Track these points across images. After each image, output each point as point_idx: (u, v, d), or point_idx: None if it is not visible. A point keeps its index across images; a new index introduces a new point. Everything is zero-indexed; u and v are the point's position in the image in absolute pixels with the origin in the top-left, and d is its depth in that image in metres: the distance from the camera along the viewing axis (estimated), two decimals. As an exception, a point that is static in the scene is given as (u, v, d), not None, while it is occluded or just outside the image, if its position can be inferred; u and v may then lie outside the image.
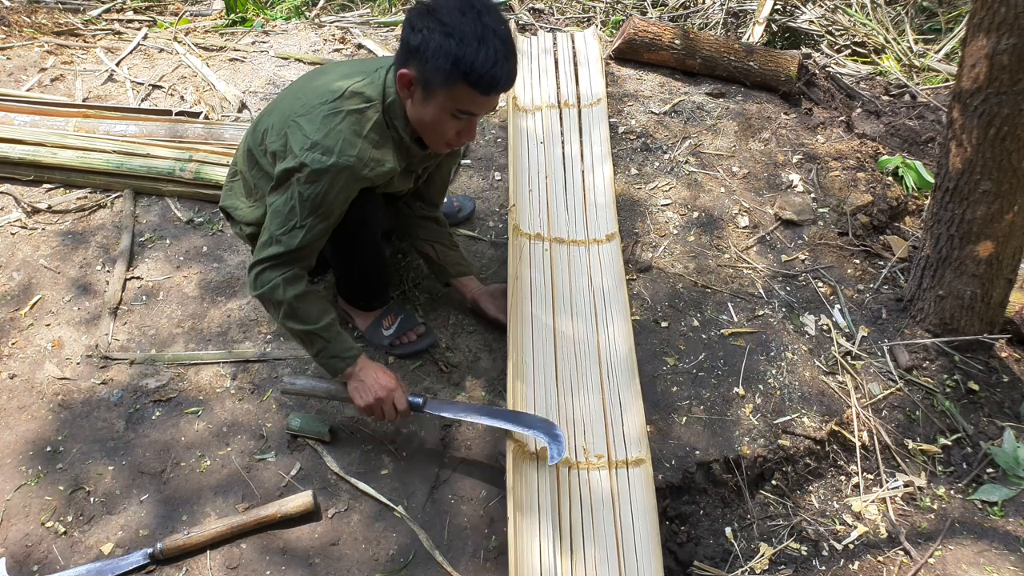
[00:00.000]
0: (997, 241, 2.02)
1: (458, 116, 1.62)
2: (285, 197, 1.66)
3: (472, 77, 1.52)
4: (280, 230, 1.67)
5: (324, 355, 1.77)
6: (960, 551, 1.77)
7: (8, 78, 3.15)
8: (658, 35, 3.19)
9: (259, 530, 1.72)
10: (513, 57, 1.57)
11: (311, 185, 1.63)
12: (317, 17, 4.14)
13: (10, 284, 2.30)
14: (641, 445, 1.81)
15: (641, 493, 1.73)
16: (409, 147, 1.77)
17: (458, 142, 1.71)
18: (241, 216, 1.93)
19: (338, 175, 1.62)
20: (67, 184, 2.63)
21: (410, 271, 2.33)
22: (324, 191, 1.63)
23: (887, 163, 2.82)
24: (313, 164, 1.61)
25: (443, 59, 1.51)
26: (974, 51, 1.86)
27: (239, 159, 1.93)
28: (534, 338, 2.05)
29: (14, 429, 1.92)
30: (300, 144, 1.63)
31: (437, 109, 1.61)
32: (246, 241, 1.99)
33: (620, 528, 1.67)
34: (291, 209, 1.65)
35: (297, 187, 1.64)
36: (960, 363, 2.15)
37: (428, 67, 1.54)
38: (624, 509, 1.71)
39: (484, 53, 1.49)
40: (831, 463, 1.99)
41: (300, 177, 1.63)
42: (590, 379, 1.99)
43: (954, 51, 4.26)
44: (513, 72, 1.58)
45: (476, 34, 1.49)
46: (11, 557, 1.69)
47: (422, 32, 1.53)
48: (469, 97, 1.57)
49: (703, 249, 2.45)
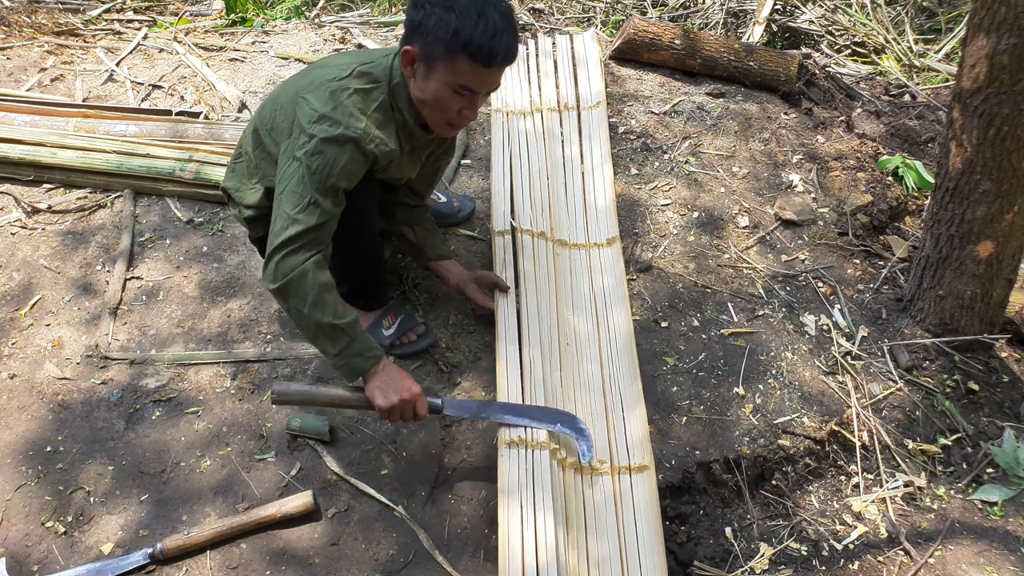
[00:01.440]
0: (997, 241, 2.02)
1: (460, 92, 1.63)
2: (297, 177, 1.64)
3: (471, 48, 1.53)
4: (295, 209, 1.63)
5: (347, 353, 1.68)
6: (960, 551, 1.77)
7: (8, 78, 3.15)
8: (658, 35, 3.19)
9: (259, 530, 1.72)
10: (513, 31, 1.59)
11: (319, 156, 1.63)
12: (317, 17, 4.14)
13: (10, 284, 2.30)
14: (645, 451, 1.81)
15: (645, 499, 1.72)
16: (413, 130, 1.78)
17: (460, 121, 1.72)
18: (241, 197, 1.93)
19: (344, 145, 1.63)
20: (67, 184, 2.63)
21: (410, 271, 2.33)
22: (332, 161, 1.63)
23: (887, 163, 2.82)
24: (321, 134, 1.62)
25: (443, 30, 1.54)
26: (974, 51, 1.86)
27: (245, 139, 1.93)
28: (531, 344, 2.04)
29: (14, 429, 1.92)
30: (308, 117, 1.64)
31: (439, 84, 1.62)
32: (243, 223, 1.99)
33: (624, 533, 1.67)
34: (302, 185, 1.64)
35: (306, 161, 1.63)
36: (960, 363, 2.15)
37: (429, 40, 1.57)
38: (627, 516, 1.70)
39: (483, 25, 1.52)
40: (831, 463, 1.99)
41: (308, 150, 1.63)
42: (591, 383, 1.99)
43: (954, 51, 4.26)
44: (513, 46, 1.59)
45: (476, 8, 1.53)
46: (11, 557, 1.69)
47: (424, 8, 1.57)
48: (470, 70, 1.58)
49: (703, 249, 2.45)
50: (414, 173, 1.98)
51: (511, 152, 2.66)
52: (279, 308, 2.22)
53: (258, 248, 2.11)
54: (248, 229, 2.02)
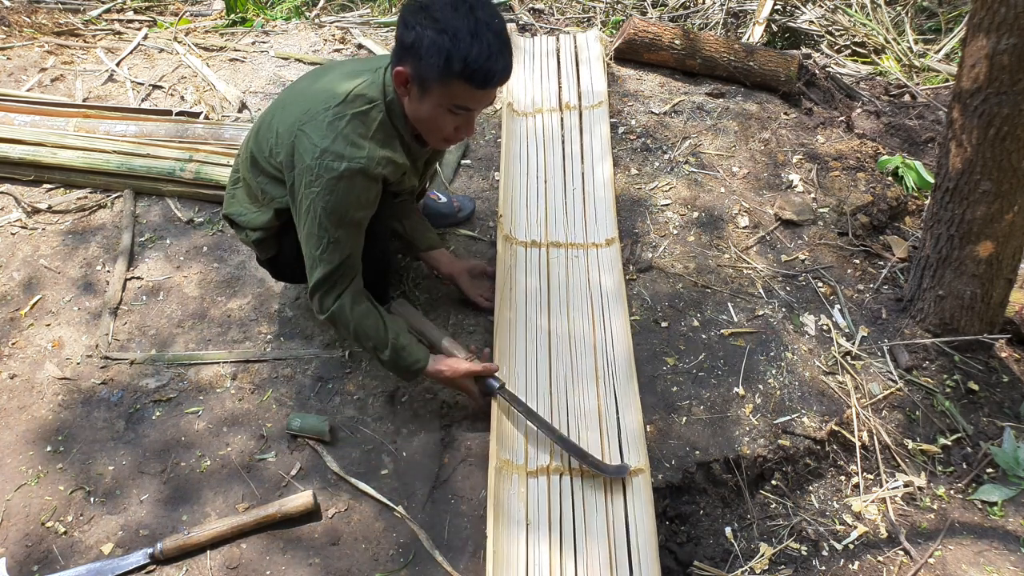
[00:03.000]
0: (997, 241, 2.02)
1: (455, 112, 1.62)
2: (310, 217, 1.67)
3: (467, 72, 1.51)
4: (318, 250, 1.69)
5: (396, 368, 1.84)
6: (960, 551, 1.77)
7: (8, 78, 3.15)
8: (658, 35, 3.19)
9: (259, 530, 1.73)
10: (508, 50, 1.56)
11: (329, 195, 1.63)
12: (317, 17, 4.15)
13: (10, 284, 2.30)
14: (641, 455, 1.80)
15: (641, 504, 1.71)
16: (410, 144, 1.77)
17: (456, 137, 1.71)
18: (246, 222, 1.92)
19: (353, 179, 1.63)
20: (67, 184, 2.63)
21: (410, 271, 2.33)
22: (342, 198, 1.64)
23: (887, 163, 2.82)
24: (327, 174, 1.61)
25: (437, 56, 1.51)
26: (974, 51, 1.86)
27: (241, 166, 1.91)
28: (527, 347, 2.05)
29: (14, 429, 1.93)
30: (311, 154, 1.62)
31: (434, 105, 1.61)
32: (252, 247, 1.99)
33: (613, 537, 1.66)
34: (319, 227, 1.66)
35: (319, 203, 1.64)
36: (960, 363, 2.15)
37: (423, 64, 1.54)
38: (619, 521, 1.69)
39: (478, 48, 1.49)
40: (831, 463, 1.99)
41: (318, 191, 1.63)
42: (587, 385, 1.98)
43: (954, 51, 4.26)
44: (509, 65, 1.57)
45: (469, 29, 1.49)
46: (11, 557, 1.69)
47: (415, 29, 1.53)
48: (465, 92, 1.57)
49: (703, 249, 2.45)
50: (418, 181, 1.98)
51: (512, 151, 2.66)
52: (279, 308, 2.23)
53: (268, 270, 2.12)
54: (257, 252, 2.01)
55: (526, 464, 1.79)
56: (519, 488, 1.73)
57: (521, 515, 1.68)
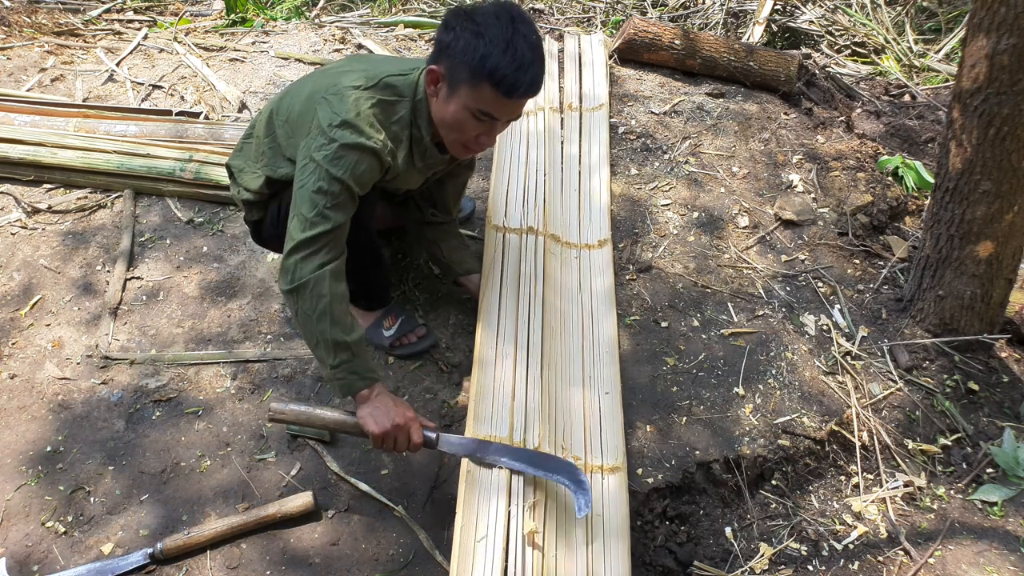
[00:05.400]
0: (997, 241, 2.02)
1: (479, 118, 1.63)
2: (314, 179, 1.63)
3: (495, 77, 1.53)
4: (312, 212, 1.62)
5: (344, 369, 1.64)
6: (960, 551, 1.77)
7: (8, 78, 3.15)
8: (658, 35, 3.19)
9: (259, 530, 1.72)
10: (540, 64, 1.58)
11: (339, 161, 1.62)
12: (317, 17, 4.15)
13: (10, 284, 2.30)
14: (619, 453, 1.80)
15: (615, 501, 1.70)
16: (428, 148, 1.78)
17: (476, 146, 1.71)
18: (243, 180, 1.92)
19: (364, 155, 1.64)
20: (67, 184, 2.63)
21: (410, 271, 2.34)
22: (352, 167, 1.63)
23: (887, 163, 2.82)
24: (342, 139, 1.61)
25: (470, 56, 1.53)
26: (974, 51, 1.86)
27: (259, 122, 1.91)
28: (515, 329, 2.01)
29: (14, 429, 1.92)
30: (328, 120, 1.63)
31: (459, 107, 1.62)
32: (240, 204, 1.99)
33: (590, 530, 1.65)
34: (319, 189, 1.62)
35: (325, 165, 1.62)
36: (960, 363, 2.15)
37: (455, 63, 1.57)
38: (596, 518, 1.67)
39: (511, 55, 1.52)
40: (831, 463, 1.99)
41: (328, 154, 1.62)
42: (572, 380, 1.97)
43: (954, 51, 4.27)
44: (538, 80, 1.59)
45: (506, 37, 1.52)
46: (11, 557, 1.69)
47: (454, 30, 1.56)
48: (492, 98, 1.58)
49: (703, 249, 2.45)
50: (416, 187, 1.98)
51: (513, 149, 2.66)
52: (279, 308, 2.22)
53: (251, 229, 2.08)
54: (244, 210, 2.01)
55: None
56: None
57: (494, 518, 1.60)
